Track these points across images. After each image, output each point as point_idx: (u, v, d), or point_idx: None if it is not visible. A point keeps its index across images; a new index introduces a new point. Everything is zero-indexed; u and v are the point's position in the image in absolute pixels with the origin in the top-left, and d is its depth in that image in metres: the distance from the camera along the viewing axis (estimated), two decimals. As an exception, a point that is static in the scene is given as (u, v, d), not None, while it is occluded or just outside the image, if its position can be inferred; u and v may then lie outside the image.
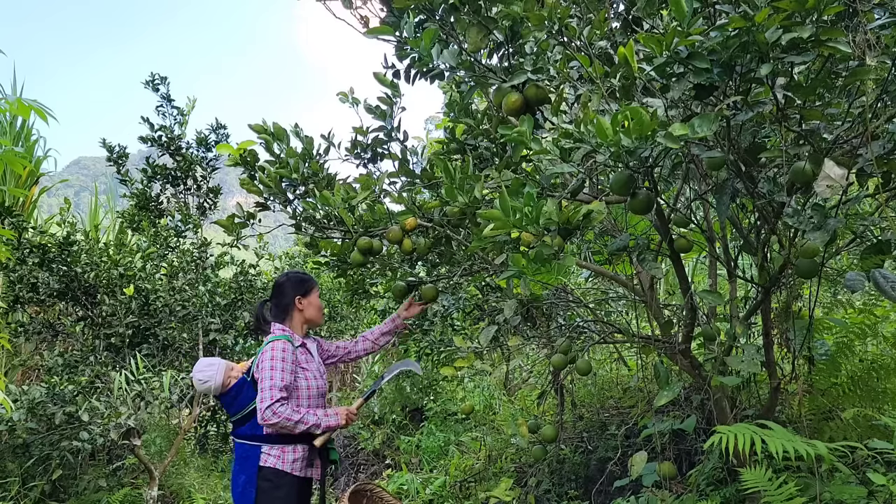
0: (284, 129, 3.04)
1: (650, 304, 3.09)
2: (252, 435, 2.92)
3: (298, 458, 2.91)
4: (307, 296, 3.11)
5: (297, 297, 3.08)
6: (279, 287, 3.13)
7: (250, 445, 2.91)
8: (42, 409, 4.72)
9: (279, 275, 3.83)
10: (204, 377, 3.02)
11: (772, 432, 2.16)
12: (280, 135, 3.04)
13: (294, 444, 2.91)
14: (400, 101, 3.05)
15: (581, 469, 4.37)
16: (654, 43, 1.87)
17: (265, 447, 2.89)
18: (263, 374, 2.83)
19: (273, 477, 2.86)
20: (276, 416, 2.76)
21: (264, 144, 3.05)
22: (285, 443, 2.90)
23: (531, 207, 1.99)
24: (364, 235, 2.98)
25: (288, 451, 2.90)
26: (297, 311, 3.09)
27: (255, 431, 2.91)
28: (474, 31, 2.29)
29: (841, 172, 1.83)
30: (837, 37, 1.75)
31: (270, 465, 2.87)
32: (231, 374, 3.05)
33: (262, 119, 3.05)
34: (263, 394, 2.79)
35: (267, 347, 2.91)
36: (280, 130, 3.04)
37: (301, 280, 3.14)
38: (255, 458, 2.88)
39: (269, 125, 3.04)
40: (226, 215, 3.29)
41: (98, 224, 8.86)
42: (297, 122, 3.11)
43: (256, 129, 3.01)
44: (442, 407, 6.85)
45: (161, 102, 6.62)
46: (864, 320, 3.50)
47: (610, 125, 1.84)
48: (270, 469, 2.86)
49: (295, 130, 3.08)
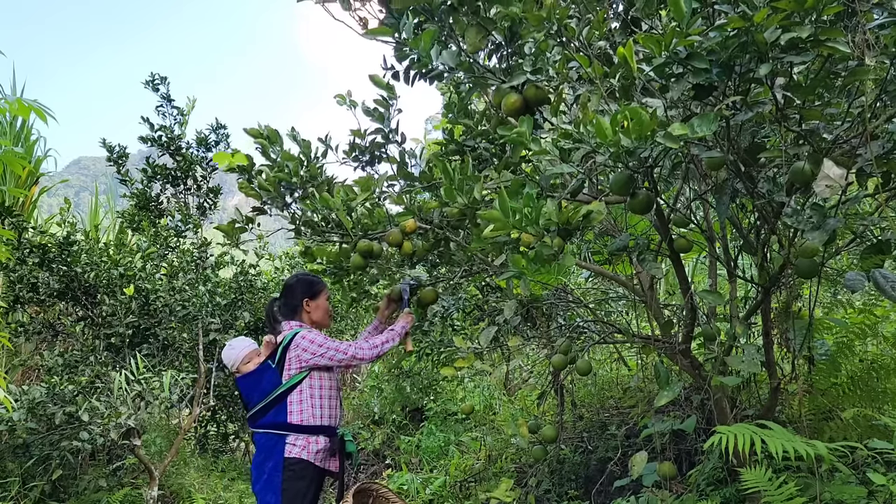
0: (278, 133, 3.05)
1: (650, 304, 3.09)
2: (276, 423, 2.95)
3: (322, 449, 2.95)
4: (315, 298, 3.14)
5: (306, 298, 3.12)
6: (288, 288, 3.16)
7: (276, 434, 2.94)
8: (42, 409, 4.72)
9: (290, 276, 3.86)
10: (227, 353, 3.14)
11: (772, 432, 2.16)
12: (274, 139, 3.05)
13: (318, 434, 2.95)
14: (396, 104, 3.05)
15: (581, 469, 4.37)
16: (653, 43, 1.87)
17: (291, 437, 2.92)
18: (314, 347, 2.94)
19: (297, 467, 2.89)
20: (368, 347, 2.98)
21: (261, 149, 3.06)
22: (310, 433, 2.93)
23: (531, 208, 1.99)
24: (363, 238, 2.98)
25: (312, 442, 2.93)
26: (304, 313, 3.12)
27: (279, 419, 2.94)
28: (473, 32, 2.28)
29: (840, 172, 1.83)
30: (836, 37, 1.75)
31: (296, 455, 2.89)
32: (253, 358, 3.11)
33: (258, 122, 3.06)
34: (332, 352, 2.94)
35: (297, 336, 2.97)
36: (274, 134, 3.05)
37: (310, 282, 3.17)
38: (282, 446, 2.91)
39: (264, 129, 3.05)
40: (226, 215, 3.30)
41: (98, 224, 8.86)
42: (294, 126, 3.12)
43: (252, 134, 3.02)
44: (442, 407, 6.85)
45: (161, 102, 6.62)
46: (864, 320, 3.49)
47: (609, 125, 1.84)
48: (296, 459, 2.89)
49: (292, 134, 3.09)
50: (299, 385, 2.96)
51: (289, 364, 2.96)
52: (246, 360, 3.12)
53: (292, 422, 2.92)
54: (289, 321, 3.10)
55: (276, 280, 7.38)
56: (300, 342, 2.95)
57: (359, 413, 7.88)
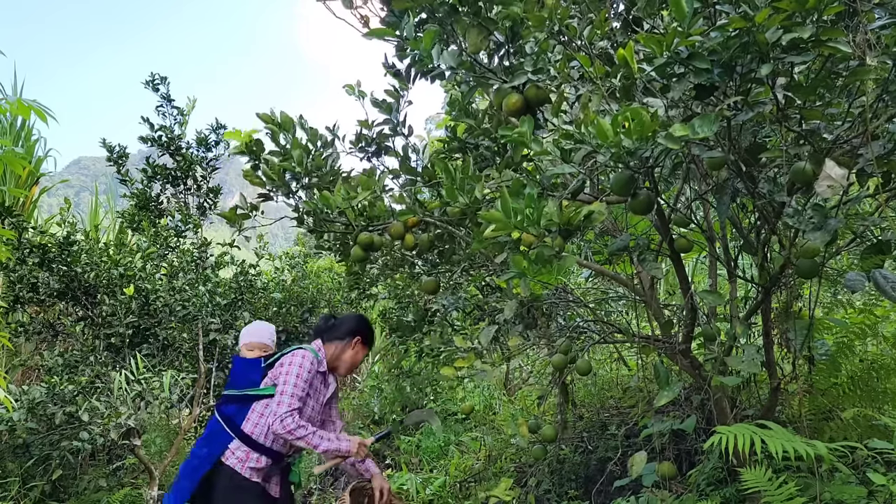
0: (291, 119, 3.01)
1: (650, 304, 3.09)
2: (231, 420, 2.87)
3: (258, 468, 2.83)
4: (355, 346, 3.10)
5: (359, 338, 3.09)
6: (349, 319, 3.16)
7: (225, 430, 2.85)
8: (42, 409, 4.72)
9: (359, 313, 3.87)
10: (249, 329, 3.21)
11: (772, 432, 2.16)
12: (287, 125, 2.99)
13: (260, 453, 2.84)
14: (407, 95, 3.04)
15: (581, 469, 4.37)
16: (654, 43, 1.87)
17: (235, 443, 2.83)
18: (287, 378, 2.80)
19: (231, 477, 2.79)
20: (291, 424, 2.71)
21: (270, 135, 3.03)
22: (253, 448, 2.83)
23: (532, 208, 1.99)
24: (365, 231, 2.96)
25: (252, 458, 2.82)
26: (339, 345, 3.07)
27: (235, 419, 2.86)
28: (474, 32, 2.29)
29: (841, 172, 1.83)
30: (838, 37, 1.76)
31: (230, 464, 2.80)
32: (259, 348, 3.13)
33: (270, 109, 3.02)
34: (283, 398, 2.76)
35: (298, 353, 2.90)
36: (287, 120, 2.99)
37: (371, 333, 3.17)
38: (223, 444, 2.82)
39: (277, 115, 3.01)
40: (226, 216, 3.28)
41: (98, 224, 8.85)
42: (303, 115, 3.10)
43: (264, 119, 2.97)
44: (442, 407, 6.85)
45: (161, 102, 6.62)
46: (864, 320, 3.49)
47: (610, 126, 1.84)
48: (229, 468, 2.80)
49: (300, 122, 3.06)
50: (269, 399, 2.86)
51: (272, 372, 2.91)
52: (251, 348, 3.13)
53: (244, 429, 2.84)
54: (318, 341, 3.07)
55: (276, 280, 7.38)
56: (287, 360, 2.87)
57: (359, 413, 7.88)
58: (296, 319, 7.22)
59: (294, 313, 7.22)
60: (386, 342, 7.71)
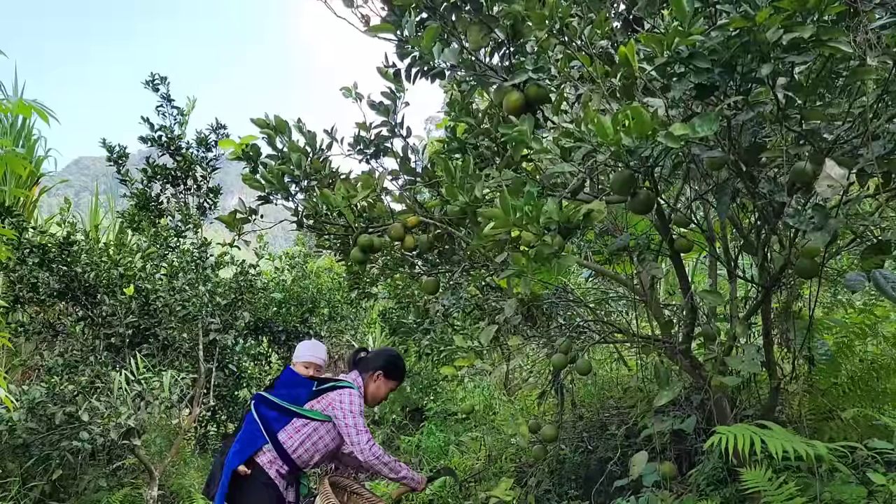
0: (286, 123, 3.03)
1: (650, 303, 3.09)
2: (269, 425, 3.03)
3: (281, 473, 3.03)
4: (377, 380, 3.26)
5: (381, 372, 3.26)
6: (381, 354, 3.36)
7: (261, 431, 3.03)
8: (42, 409, 4.72)
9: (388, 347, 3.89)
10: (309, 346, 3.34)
11: (772, 432, 2.16)
12: (282, 128, 3.02)
13: (285, 462, 3.02)
14: (403, 97, 3.05)
15: (581, 469, 4.36)
16: (654, 42, 1.87)
17: (268, 445, 3.01)
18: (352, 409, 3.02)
19: (259, 474, 2.99)
20: (378, 451, 2.96)
21: (266, 139, 3.04)
22: (280, 455, 3.01)
23: (532, 207, 1.99)
24: (365, 232, 2.97)
25: (278, 463, 3.01)
26: (369, 378, 3.25)
27: (274, 426, 3.03)
28: (475, 30, 2.29)
29: (842, 172, 1.83)
30: (838, 37, 1.76)
31: (261, 462, 2.99)
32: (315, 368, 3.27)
33: (265, 113, 3.04)
34: (357, 429, 2.98)
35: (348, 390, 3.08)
36: (282, 123, 3.02)
37: (396, 367, 3.32)
38: (258, 445, 3.01)
39: (272, 119, 3.02)
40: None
41: (98, 224, 8.85)
42: (300, 118, 3.11)
43: (259, 124, 2.99)
44: (442, 407, 6.84)
45: (161, 102, 6.61)
46: (864, 320, 3.49)
47: (611, 125, 1.84)
48: (260, 466, 2.99)
49: (298, 125, 3.07)
50: (311, 422, 3.05)
51: (321, 399, 3.07)
52: (307, 366, 3.26)
53: (279, 437, 3.02)
54: (354, 371, 3.25)
55: (276, 280, 7.38)
56: (344, 397, 3.05)
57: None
58: (296, 319, 7.23)
59: (294, 313, 7.23)
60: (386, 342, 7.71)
